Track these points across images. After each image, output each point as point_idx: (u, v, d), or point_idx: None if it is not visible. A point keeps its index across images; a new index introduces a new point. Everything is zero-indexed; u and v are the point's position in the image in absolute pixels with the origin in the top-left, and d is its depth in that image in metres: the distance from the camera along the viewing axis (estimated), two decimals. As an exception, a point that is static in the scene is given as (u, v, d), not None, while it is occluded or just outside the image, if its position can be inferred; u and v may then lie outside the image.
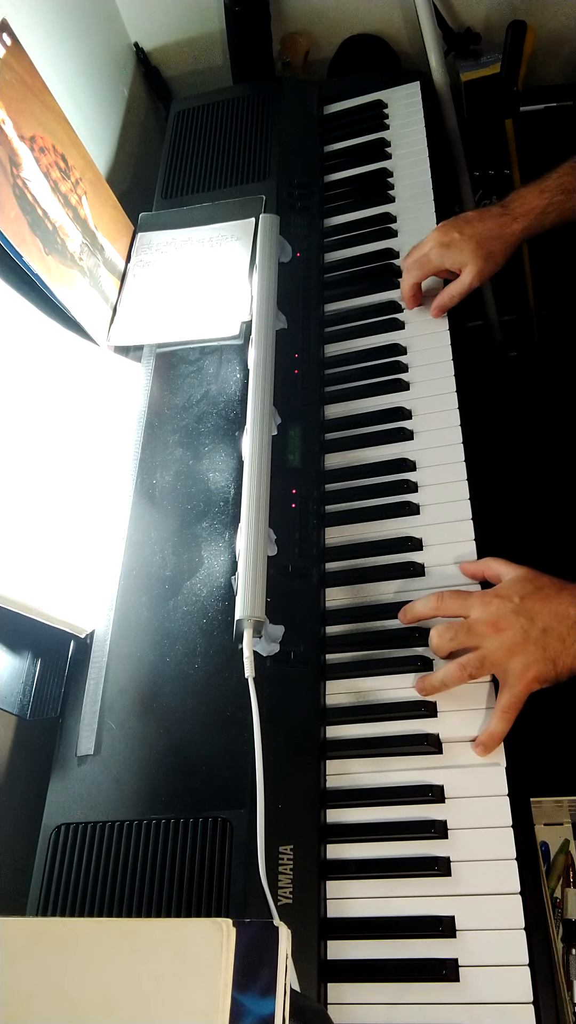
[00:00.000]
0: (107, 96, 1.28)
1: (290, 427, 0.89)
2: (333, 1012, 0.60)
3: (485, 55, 1.30)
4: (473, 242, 0.89)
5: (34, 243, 0.86)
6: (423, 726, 0.71)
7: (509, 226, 0.90)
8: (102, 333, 0.98)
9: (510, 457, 1.23)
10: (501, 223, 0.90)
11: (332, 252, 1.07)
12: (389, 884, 0.65)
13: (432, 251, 0.91)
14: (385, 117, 1.18)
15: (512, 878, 0.62)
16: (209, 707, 0.73)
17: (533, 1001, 0.58)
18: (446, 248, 0.90)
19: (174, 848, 0.67)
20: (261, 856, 0.63)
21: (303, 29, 1.35)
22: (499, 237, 0.90)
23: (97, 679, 0.77)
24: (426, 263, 0.92)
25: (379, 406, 0.91)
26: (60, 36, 1.11)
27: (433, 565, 0.79)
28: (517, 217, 0.91)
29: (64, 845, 0.70)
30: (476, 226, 0.90)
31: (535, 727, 0.71)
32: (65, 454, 0.83)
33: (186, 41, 1.38)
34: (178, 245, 1.07)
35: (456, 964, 0.60)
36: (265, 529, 0.80)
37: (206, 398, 0.94)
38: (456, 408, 0.87)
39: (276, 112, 1.19)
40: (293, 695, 0.73)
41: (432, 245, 0.91)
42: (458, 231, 0.90)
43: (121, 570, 0.83)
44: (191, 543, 0.83)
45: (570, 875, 1.00)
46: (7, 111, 0.83)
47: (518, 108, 1.28)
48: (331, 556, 0.83)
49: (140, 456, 0.91)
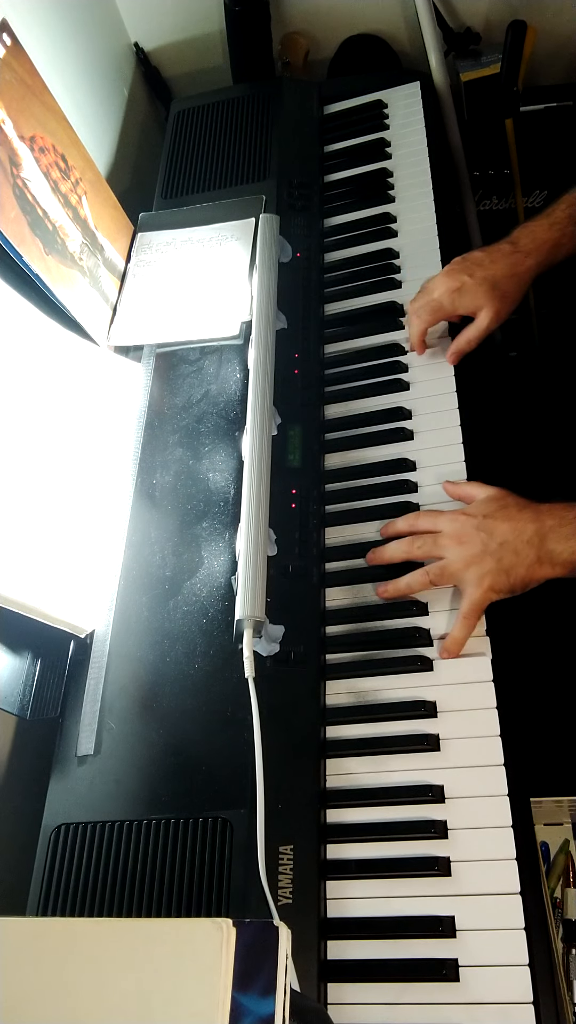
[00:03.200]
0: (107, 96, 1.28)
1: (290, 427, 0.89)
2: (333, 1012, 0.60)
3: (485, 55, 1.30)
4: (487, 284, 0.86)
5: (34, 243, 0.86)
6: (423, 726, 0.71)
7: (522, 263, 0.87)
8: (102, 333, 0.98)
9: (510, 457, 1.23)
10: (513, 262, 0.87)
11: (332, 252, 1.07)
12: (389, 884, 0.65)
13: (444, 297, 0.88)
14: (385, 117, 1.18)
15: (512, 878, 0.62)
16: (209, 707, 0.73)
17: (533, 1001, 0.58)
18: (458, 293, 0.87)
19: (174, 848, 0.67)
20: (261, 856, 0.63)
21: (303, 29, 1.35)
22: (513, 276, 0.87)
23: (97, 679, 0.77)
24: (438, 309, 0.88)
25: (379, 406, 0.91)
26: (60, 36, 1.11)
27: (433, 565, 0.79)
28: (529, 253, 0.87)
29: (64, 845, 0.70)
30: (488, 268, 0.87)
31: (535, 727, 0.71)
32: (65, 454, 0.83)
33: (186, 41, 1.38)
34: (178, 245, 1.07)
35: (456, 964, 0.60)
36: (265, 529, 0.80)
37: (206, 398, 0.94)
38: (456, 408, 0.87)
39: (276, 112, 1.19)
40: (293, 695, 0.73)
41: (443, 291, 0.88)
42: (468, 274, 0.87)
43: (121, 570, 0.83)
44: (191, 543, 0.83)
45: (570, 875, 1.00)
46: (7, 111, 0.83)
47: (518, 108, 1.29)
48: (331, 556, 0.83)
49: (140, 456, 0.91)
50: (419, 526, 0.78)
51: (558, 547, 0.71)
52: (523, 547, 0.72)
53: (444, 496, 0.82)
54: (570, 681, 0.98)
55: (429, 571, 0.75)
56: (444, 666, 0.73)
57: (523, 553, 0.71)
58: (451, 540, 0.74)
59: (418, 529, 0.78)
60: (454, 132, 1.33)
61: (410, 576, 0.76)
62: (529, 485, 0.79)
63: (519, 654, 0.75)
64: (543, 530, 0.71)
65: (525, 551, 0.71)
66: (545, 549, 0.71)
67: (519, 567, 0.72)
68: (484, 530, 0.73)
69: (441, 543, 0.75)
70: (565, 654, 1.02)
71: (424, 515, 0.79)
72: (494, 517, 0.74)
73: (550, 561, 0.71)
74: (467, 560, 0.73)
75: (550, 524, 0.72)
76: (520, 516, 0.73)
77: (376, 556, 0.80)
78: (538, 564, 0.71)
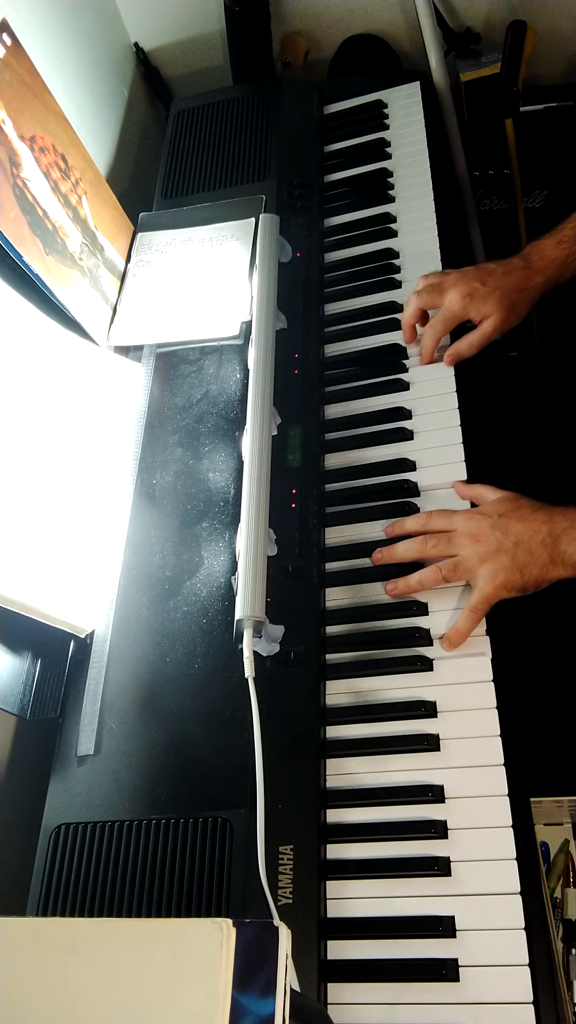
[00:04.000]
0: (107, 96, 1.28)
1: (290, 427, 0.89)
2: (333, 1012, 0.60)
3: (485, 55, 1.30)
4: (499, 293, 0.88)
5: (34, 243, 0.86)
6: (423, 726, 0.71)
7: (532, 279, 0.90)
8: (102, 333, 0.98)
9: (510, 457, 1.23)
10: (524, 276, 0.90)
11: (332, 252, 1.07)
12: (389, 884, 0.65)
13: (455, 303, 0.89)
14: (385, 117, 1.18)
15: (512, 878, 0.62)
16: (209, 707, 0.73)
17: (533, 1001, 0.58)
18: (470, 299, 0.88)
19: (174, 848, 0.67)
20: (261, 856, 0.63)
21: (303, 29, 1.35)
22: (523, 290, 0.90)
23: (97, 679, 0.77)
24: (450, 316, 0.90)
25: (379, 406, 0.91)
26: (60, 36, 1.11)
27: (433, 565, 0.78)
28: (539, 270, 0.90)
29: (64, 845, 0.70)
30: (501, 279, 0.89)
31: (535, 727, 0.71)
32: (65, 454, 0.83)
33: (186, 41, 1.38)
34: (178, 245, 1.07)
35: (456, 964, 0.60)
36: (265, 529, 0.80)
37: (206, 398, 0.94)
38: (456, 408, 0.87)
39: (276, 112, 1.19)
40: (293, 695, 0.73)
41: (456, 296, 0.89)
42: (480, 282, 0.89)
43: (121, 570, 0.83)
44: (191, 543, 0.83)
45: (570, 875, 1.00)
46: (7, 111, 0.83)
47: (518, 108, 1.29)
48: (331, 556, 0.83)
49: (140, 456, 0.91)
50: (432, 525, 0.78)
51: (570, 548, 0.72)
52: (537, 547, 0.73)
53: (444, 495, 0.82)
54: (570, 681, 0.99)
55: (442, 567, 0.76)
56: (444, 666, 0.73)
57: (537, 553, 0.73)
58: (466, 538, 0.75)
59: (431, 528, 0.79)
60: (454, 132, 1.33)
61: (421, 572, 0.77)
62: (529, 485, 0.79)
63: (519, 654, 0.75)
64: (556, 531, 0.73)
65: (539, 551, 0.73)
66: (558, 550, 0.72)
67: (533, 566, 0.73)
68: (499, 529, 0.74)
69: (456, 541, 0.76)
70: (565, 654, 1.02)
71: (437, 514, 0.79)
72: (509, 517, 0.75)
73: (562, 562, 0.72)
74: (482, 556, 0.74)
75: (563, 526, 0.73)
76: (534, 517, 0.74)
77: (386, 555, 0.80)
78: (551, 565, 0.72)
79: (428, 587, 0.77)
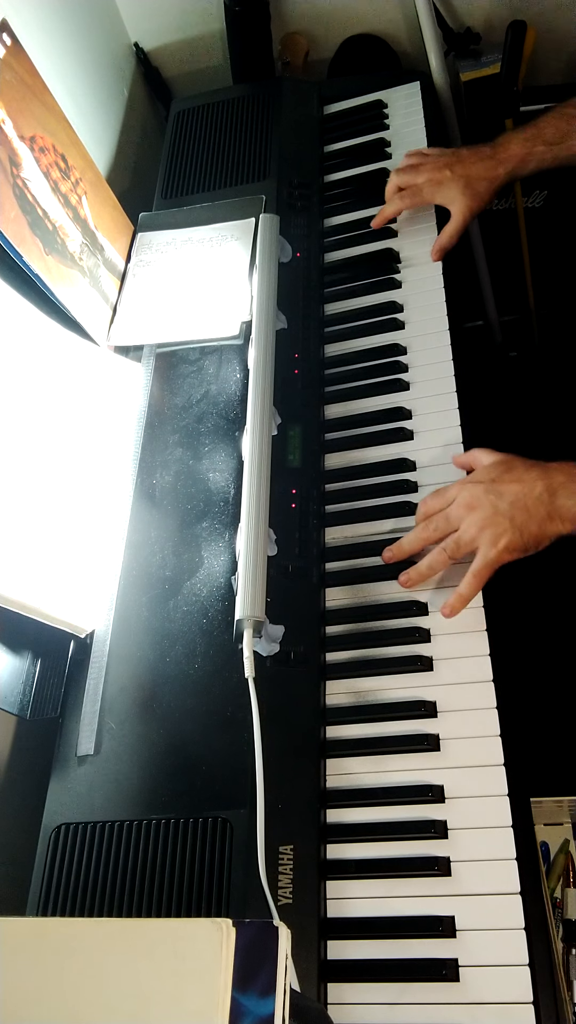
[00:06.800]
0: (107, 96, 1.28)
1: (290, 427, 0.89)
2: (333, 1012, 0.60)
3: (485, 55, 1.30)
4: (462, 181, 0.96)
5: (34, 243, 0.86)
6: (423, 726, 0.71)
7: (495, 170, 0.97)
8: (102, 333, 0.98)
9: (510, 457, 1.23)
10: (489, 166, 0.97)
11: (332, 252, 1.07)
12: (389, 884, 0.65)
13: (426, 186, 0.98)
14: (385, 117, 1.18)
15: (512, 878, 0.62)
16: (209, 707, 0.73)
17: (533, 1001, 0.58)
18: (438, 185, 0.97)
19: (174, 848, 0.67)
20: (261, 856, 0.63)
21: (303, 29, 1.35)
22: (486, 179, 0.97)
23: (97, 679, 0.77)
24: (417, 194, 0.99)
25: (379, 406, 0.91)
26: (60, 36, 1.11)
27: (433, 565, 0.78)
28: (502, 162, 0.98)
29: (64, 845, 0.70)
30: (468, 167, 0.97)
31: (535, 727, 0.71)
32: (65, 454, 0.83)
33: (186, 41, 1.38)
34: (178, 245, 1.07)
35: (456, 964, 0.60)
36: (265, 529, 0.80)
37: (206, 398, 0.94)
38: (456, 408, 0.87)
39: (276, 112, 1.19)
40: (293, 695, 0.73)
41: (426, 179, 0.98)
42: (450, 169, 0.97)
43: (121, 570, 0.83)
44: (191, 543, 0.83)
45: (570, 875, 1.00)
46: (7, 111, 0.83)
47: (518, 108, 1.29)
48: (331, 556, 0.83)
49: (140, 456, 0.91)
50: (429, 508, 0.78)
51: (568, 502, 0.72)
52: (534, 504, 0.72)
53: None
54: (570, 681, 0.99)
55: (446, 547, 0.75)
56: (444, 666, 0.73)
57: (534, 510, 0.72)
58: (463, 508, 0.75)
59: (429, 512, 0.78)
60: (454, 132, 1.33)
61: (428, 557, 0.76)
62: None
63: (519, 654, 0.75)
64: (553, 486, 0.73)
65: (536, 508, 0.72)
66: (555, 505, 0.72)
67: (531, 524, 0.72)
68: (493, 493, 0.74)
69: (453, 515, 0.75)
70: (565, 654, 1.02)
71: (431, 497, 0.79)
72: (502, 480, 0.75)
73: (560, 517, 0.72)
74: (480, 524, 0.73)
75: (560, 480, 0.73)
76: (528, 476, 0.74)
77: (395, 552, 0.79)
78: (549, 520, 0.72)
79: (438, 569, 0.76)
